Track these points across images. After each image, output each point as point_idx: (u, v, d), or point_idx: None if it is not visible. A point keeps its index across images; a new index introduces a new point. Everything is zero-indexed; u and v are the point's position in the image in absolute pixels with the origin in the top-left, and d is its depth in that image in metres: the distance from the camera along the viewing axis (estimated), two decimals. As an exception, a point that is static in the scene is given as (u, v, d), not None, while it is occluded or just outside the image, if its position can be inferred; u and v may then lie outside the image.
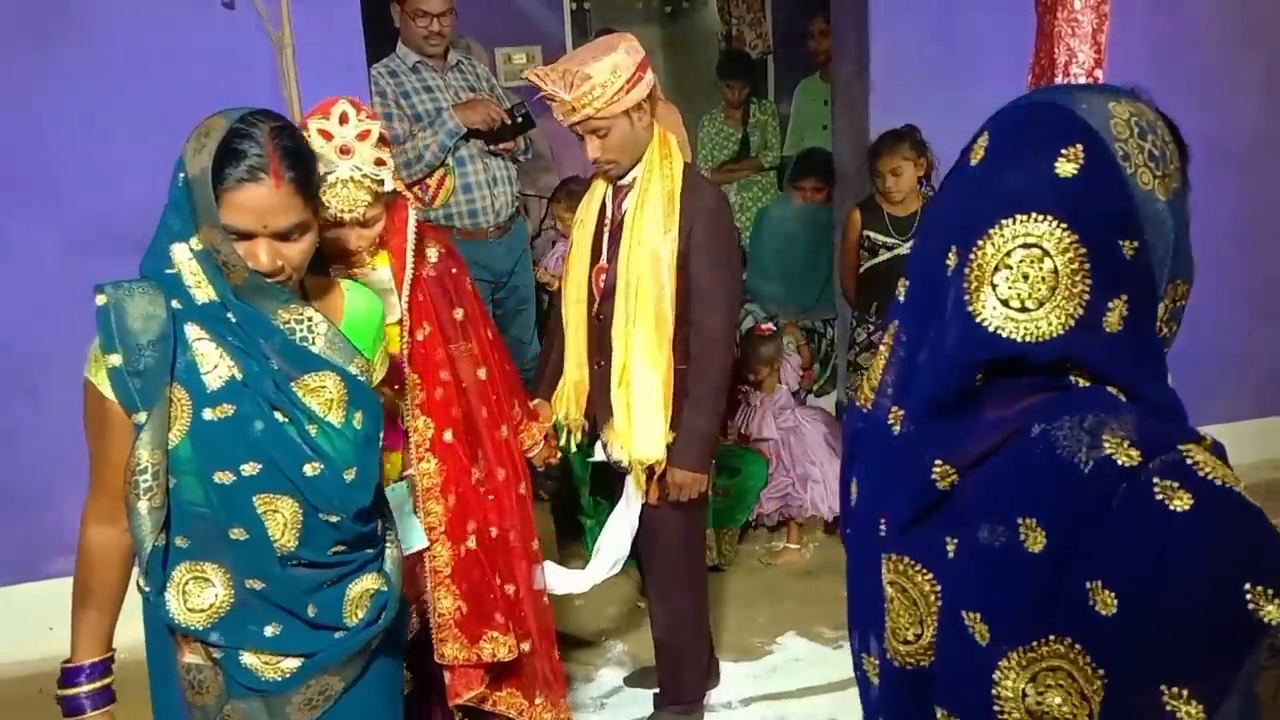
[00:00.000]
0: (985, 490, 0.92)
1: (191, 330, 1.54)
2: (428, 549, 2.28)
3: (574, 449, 2.73)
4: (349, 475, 1.59)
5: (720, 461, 3.76)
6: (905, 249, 3.63)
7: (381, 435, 1.69)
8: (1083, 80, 1.97)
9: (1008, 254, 0.90)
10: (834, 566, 3.86)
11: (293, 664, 1.64)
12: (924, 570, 0.98)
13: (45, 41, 3.14)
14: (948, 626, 0.95)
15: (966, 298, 0.92)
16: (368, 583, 1.70)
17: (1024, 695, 0.87)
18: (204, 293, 1.52)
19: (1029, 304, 0.89)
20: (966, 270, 0.92)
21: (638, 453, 2.52)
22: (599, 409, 2.63)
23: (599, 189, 2.62)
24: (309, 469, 1.56)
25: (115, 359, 1.50)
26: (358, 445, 1.61)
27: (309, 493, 1.57)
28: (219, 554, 1.59)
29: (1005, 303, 0.90)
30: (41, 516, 3.28)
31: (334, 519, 1.60)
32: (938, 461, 0.94)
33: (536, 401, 2.71)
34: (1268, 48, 4.30)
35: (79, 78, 3.18)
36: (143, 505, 1.54)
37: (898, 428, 1.00)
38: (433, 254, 2.32)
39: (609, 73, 2.35)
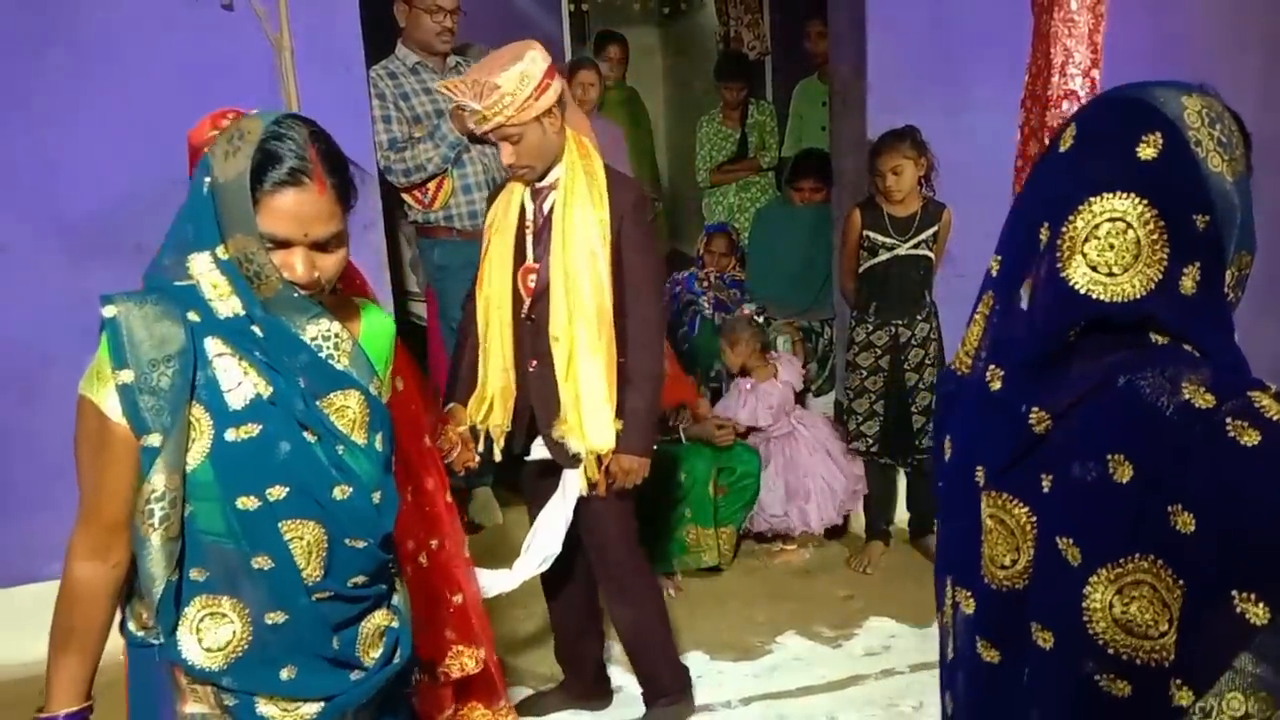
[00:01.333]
0: (1077, 433, 1.06)
1: (212, 345, 1.44)
2: None
3: (498, 455, 2.71)
4: (376, 498, 1.52)
5: (718, 461, 3.77)
6: (905, 249, 3.63)
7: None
8: (1079, 80, 1.98)
9: (1096, 227, 1.04)
10: (833, 566, 3.87)
11: (311, 709, 1.54)
12: (1021, 504, 1.12)
13: (44, 43, 3.15)
14: (1043, 551, 1.10)
15: (1059, 265, 1.06)
16: (379, 619, 1.62)
17: (1110, 606, 1.02)
18: (227, 306, 1.44)
19: (1115, 270, 1.04)
20: (1059, 242, 1.07)
21: (593, 443, 2.56)
22: (540, 408, 2.63)
23: (515, 193, 2.64)
24: (338, 492, 1.48)
25: (126, 376, 1.39)
26: (381, 467, 1.54)
27: (338, 517, 1.49)
28: (238, 587, 1.48)
29: (1094, 269, 1.04)
30: (41, 518, 3.28)
31: (361, 545, 1.52)
32: (1034, 410, 1.08)
33: (451, 406, 2.70)
34: (1264, 47, 4.31)
35: (77, 79, 3.18)
36: (157, 537, 1.42)
37: (996, 384, 1.15)
38: None
39: (517, 81, 2.41)
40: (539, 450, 2.70)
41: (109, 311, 1.41)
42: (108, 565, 1.46)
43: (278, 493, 1.45)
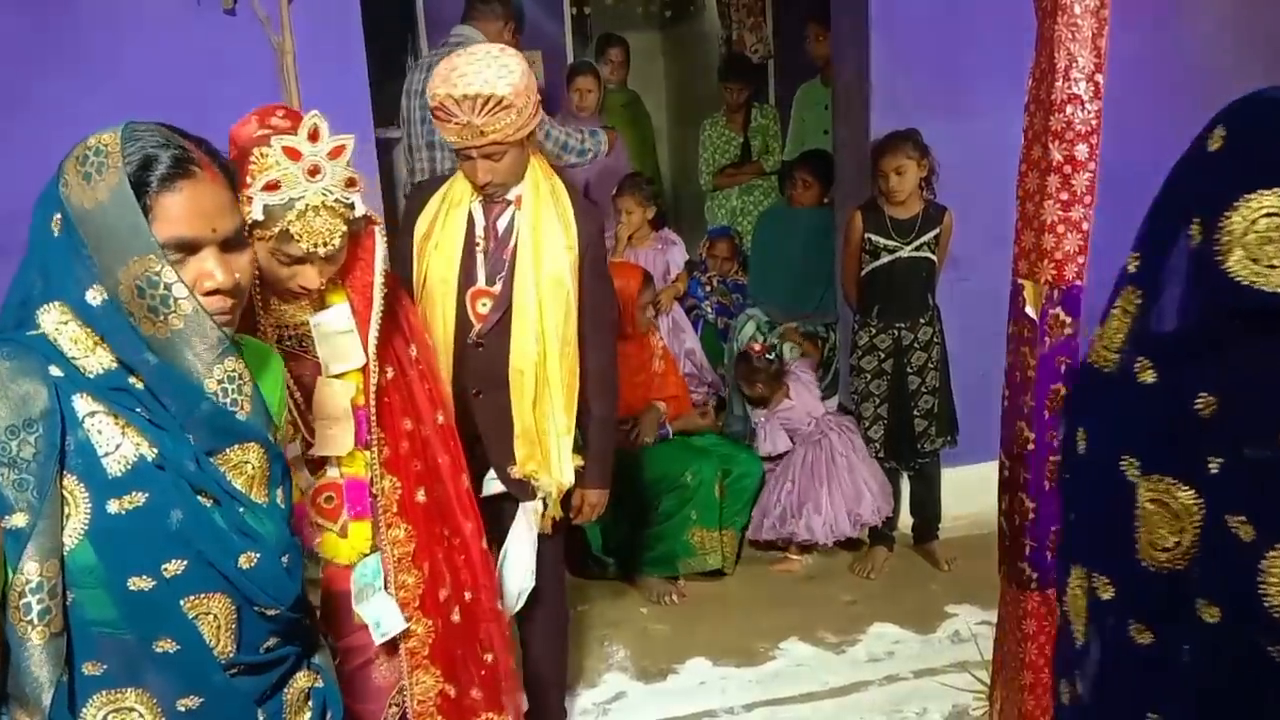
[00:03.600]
0: (1247, 416, 1.12)
1: (81, 403, 1.22)
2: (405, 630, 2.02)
3: None
4: (285, 561, 1.34)
5: (723, 463, 3.77)
6: (907, 252, 3.63)
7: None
8: (1083, 84, 1.97)
9: (1253, 222, 1.11)
10: (837, 572, 3.86)
11: None
12: (1185, 487, 1.17)
13: (46, 47, 3.15)
14: (1210, 530, 1.15)
15: (1219, 258, 1.13)
16: (302, 681, 1.45)
17: None
18: (94, 360, 1.22)
19: (1275, 262, 1.10)
20: (1216, 236, 1.13)
21: (562, 480, 2.42)
22: (492, 441, 2.42)
23: (458, 205, 2.38)
24: (244, 560, 1.28)
25: None
26: (286, 526, 1.36)
27: (244, 587, 1.29)
28: (141, 676, 1.27)
29: (1254, 260, 1.11)
30: None
31: (271, 612, 1.33)
32: (1201, 395, 1.14)
33: None
34: (1268, 49, 4.30)
35: (79, 83, 3.17)
36: (37, 635, 1.19)
37: (1148, 376, 1.20)
38: None
39: (525, 98, 2.19)
40: (492, 485, 2.48)
41: None
42: None
43: (175, 568, 1.25)
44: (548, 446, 2.39)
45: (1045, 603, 2.16)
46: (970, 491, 3.78)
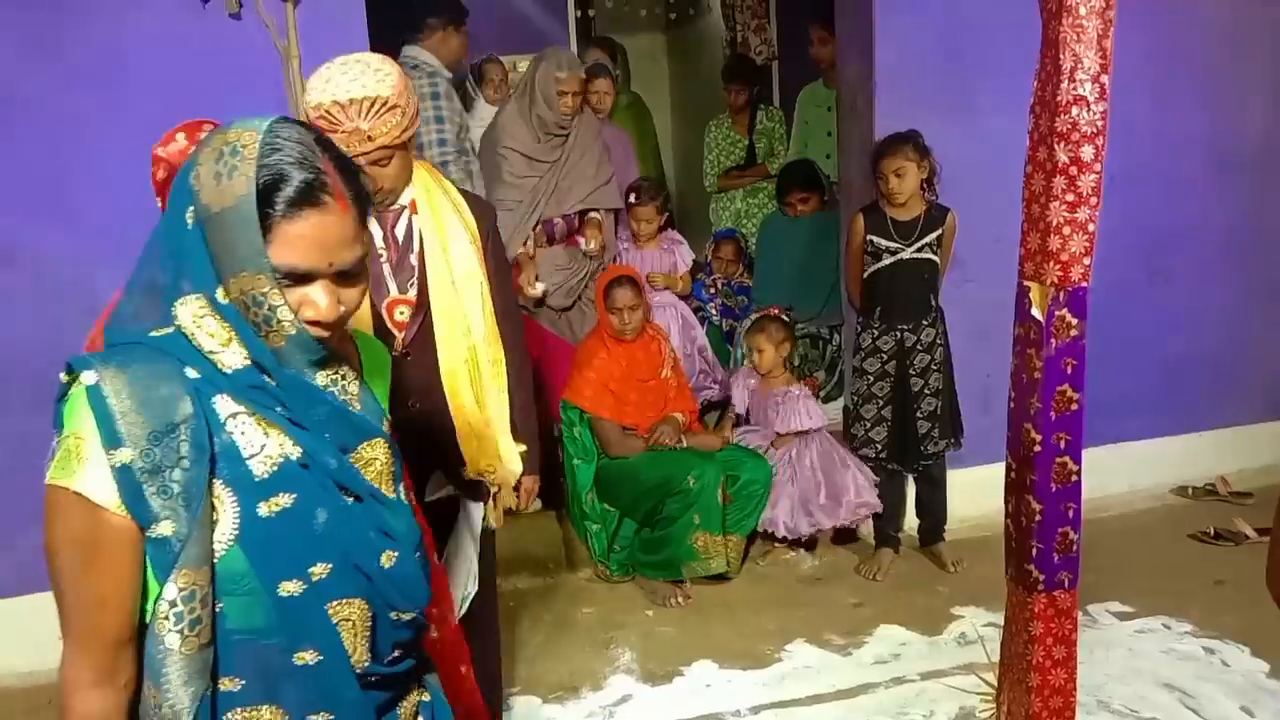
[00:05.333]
0: None
1: (222, 405, 1.19)
2: None
3: None
4: (418, 558, 1.31)
5: (727, 468, 3.76)
6: (909, 253, 3.63)
7: None
8: (1088, 85, 1.96)
9: None
10: (843, 574, 3.86)
11: None
12: None
13: (54, 53, 3.16)
14: None
15: None
16: (413, 695, 1.41)
17: None
18: (232, 356, 1.18)
19: None
20: None
21: (515, 467, 2.41)
22: (431, 447, 2.34)
23: None
24: (385, 559, 1.26)
25: (124, 455, 1.12)
26: (415, 522, 1.32)
27: (384, 588, 1.26)
28: (277, 691, 1.23)
29: None
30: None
31: (407, 617, 1.30)
32: None
33: None
34: (1273, 51, 4.30)
35: (87, 88, 3.19)
36: (186, 646, 1.15)
37: None
38: None
39: (406, 98, 2.14)
40: (437, 490, 2.42)
41: (88, 378, 1.14)
42: (118, 689, 1.19)
43: (321, 570, 1.22)
44: (494, 438, 2.38)
45: (1052, 604, 2.15)
46: (977, 493, 3.78)
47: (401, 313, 2.33)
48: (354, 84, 2.10)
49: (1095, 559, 2.81)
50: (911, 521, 3.98)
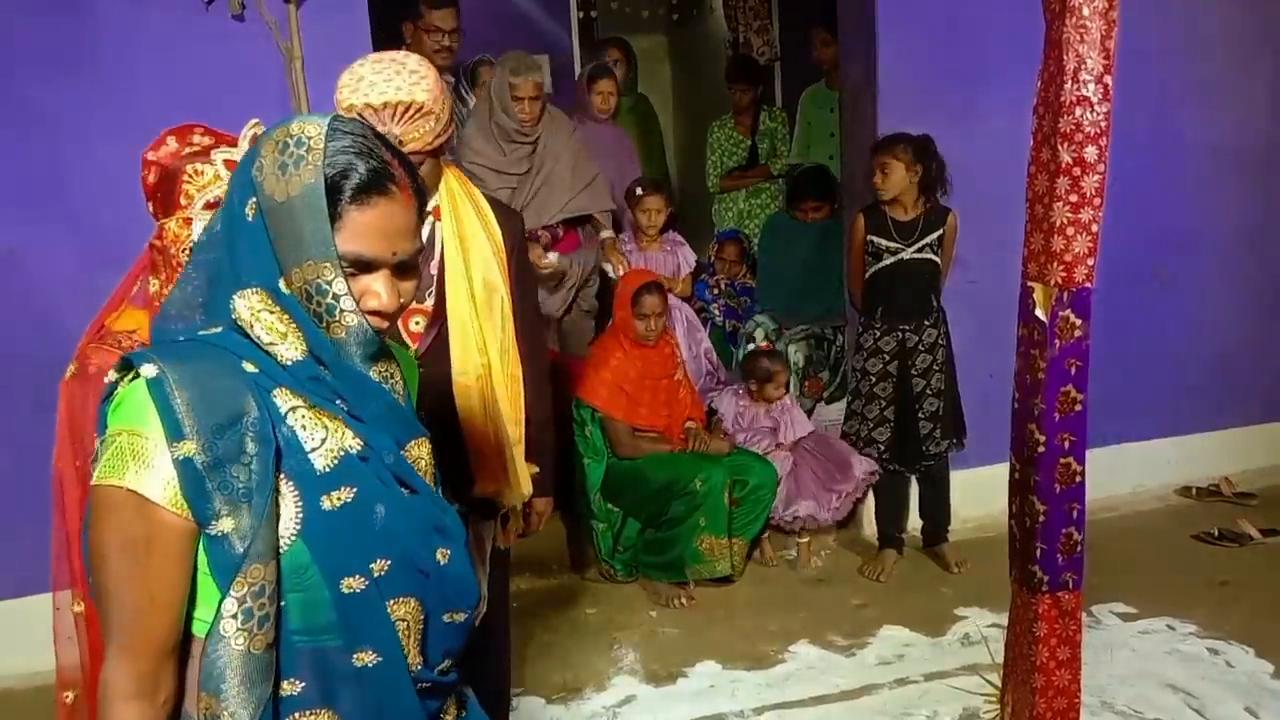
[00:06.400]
0: None
1: (282, 398, 1.17)
2: None
3: None
4: (468, 557, 1.29)
5: (734, 472, 3.77)
6: (909, 254, 3.63)
7: None
8: (1092, 86, 1.96)
9: None
10: (846, 574, 3.86)
11: None
12: None
13: (57, 56, 3.16)
14: None
15: None
16: (452, 709, 1.37)
17: None
18: (291, 349, 1.17)
19: None
20: None
21: (525, 489, 2.32)
22: (437, 463, 2.29)
23: None
24: (440, 556, 1.24)
25: (187, 447, 1.10)
26: (460, 521, 1.30)
27: (439, 585, 1.24)
28: (335, 695, 1.20)
29: None
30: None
31: (460, 618, 1.28)
32: None
33: None
34: (1276, 52, 4.29)
35: (89, 90, 3.19)
36: (255, 646, 1.13)
37: None
38: None
39: (441, 103, 2.06)
40: None
41: (149, 370, 1.11)
42: (156, 705, 1.15)
43: (381, 566, 1.20)
44: (505, 460, 2.29)
45: (1056, 605, 2.15)
46: (980, 494, 3.78)
47: (417, 323, 2.24)
48: (388, 85, 2.02)
49: (1099, 560, 2.80)
50: (915, 522, 3.97)
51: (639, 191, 4.34)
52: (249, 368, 1.16)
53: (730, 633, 3.47)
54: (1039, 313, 2.07)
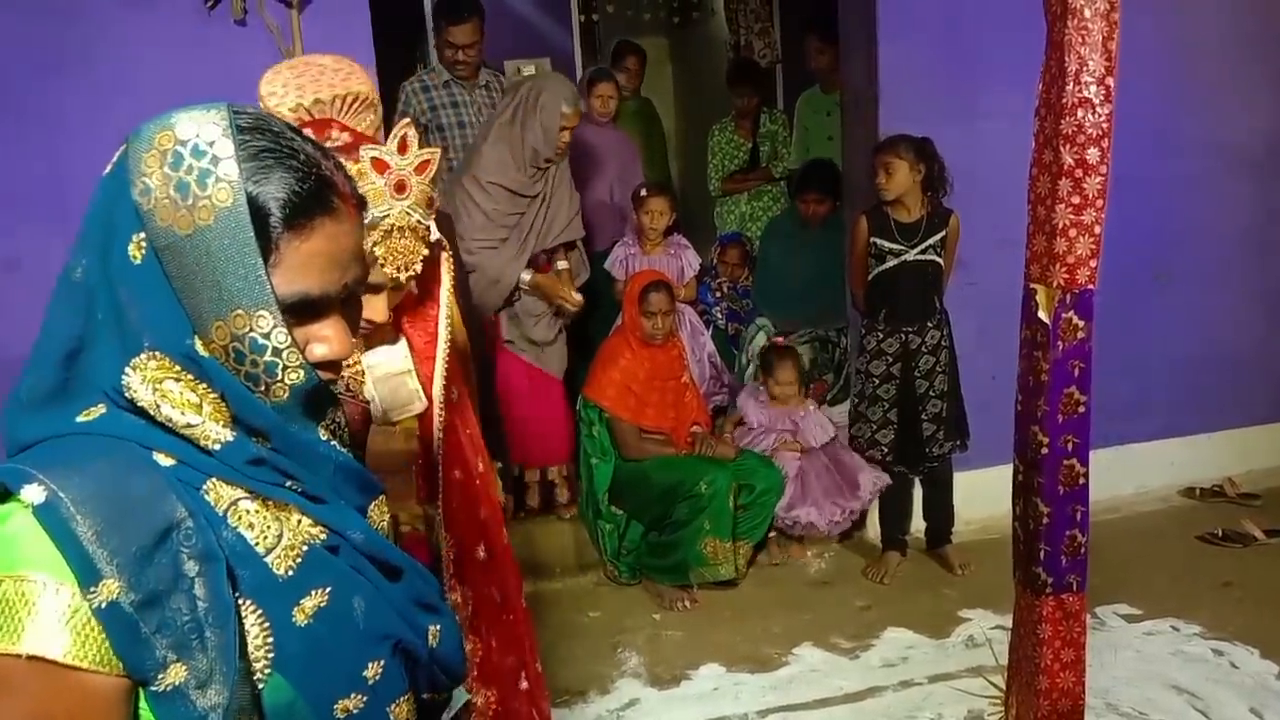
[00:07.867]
0: None
1: (216, 494, 0.89)
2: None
3: None
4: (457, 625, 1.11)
5: (738, 476, 3.76)
6: (912, 255, 3.63)
7: None
8: (1093, 88, 1.96)
9: None
10: (850, 577, 3.86)
11: None
12: None
13: (57, 59, 3.17)
14: None
15: None
16: None
17: None
18: (216, 427, 0.88)
19: None
20: None
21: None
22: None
23: None
24: (432, 636, 1.04)
25: (108, 589, 0.81)
26: (436, 583, 1.10)
27: (430, 670, 1.05)
28: None
29: None
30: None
31: (441, 697, 1.12)
32: None
33: None
34: (1277, 54, 4.29)
35: (89, 93, 3.19)
36: None
37: None
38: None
39: (376, 93, 1.88)
40: None
41: (33, 495, 0.82)
42: None
43: (374, 673, 0.97)
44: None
45: (1060, 607, 2.15)
46: (983, 496, 3.78)
47: None
48: (322, 80, 1.81)
49: (1103, 561, 2.80)
50: (918, 524, 3.97)
51: (644, 193, 4.33)
52: (163, 460, 0.88)
53: (734, 635, 3.47)
54: (1042, 314, 2.07)
